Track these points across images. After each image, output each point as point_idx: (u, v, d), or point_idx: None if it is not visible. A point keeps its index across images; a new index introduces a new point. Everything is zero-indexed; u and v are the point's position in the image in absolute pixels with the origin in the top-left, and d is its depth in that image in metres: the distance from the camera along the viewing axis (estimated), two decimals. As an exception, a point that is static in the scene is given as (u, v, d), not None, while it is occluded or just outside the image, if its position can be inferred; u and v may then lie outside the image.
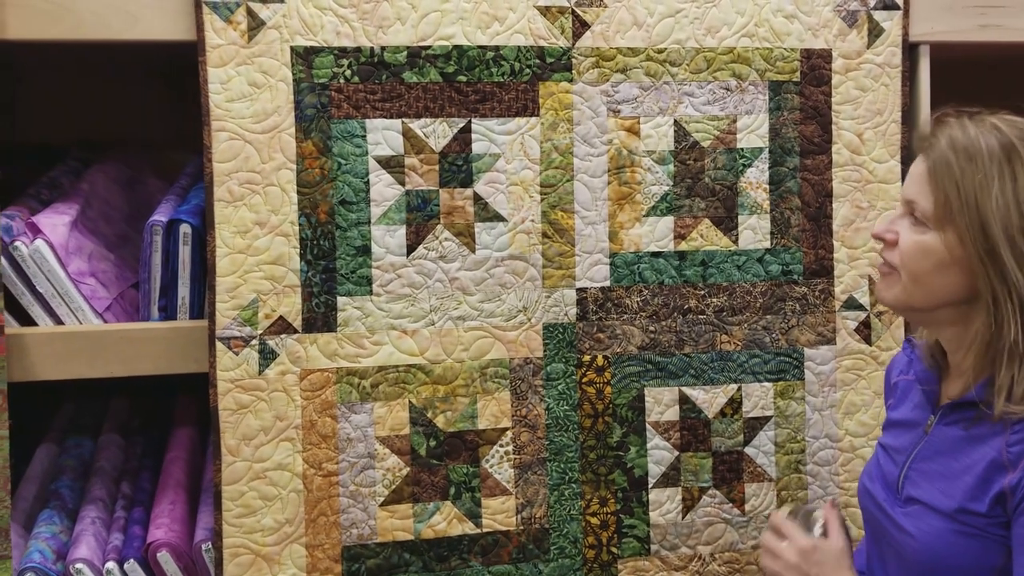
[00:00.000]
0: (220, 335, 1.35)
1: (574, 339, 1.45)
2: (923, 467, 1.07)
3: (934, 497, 1.03)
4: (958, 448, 1.04)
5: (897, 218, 1.09)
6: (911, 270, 1.05)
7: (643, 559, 1.46)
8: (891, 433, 1.17)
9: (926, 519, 1.03)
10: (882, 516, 1.10)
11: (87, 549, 1.36)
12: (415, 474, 1.41)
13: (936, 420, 1.09)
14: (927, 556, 1.02)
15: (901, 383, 1.21)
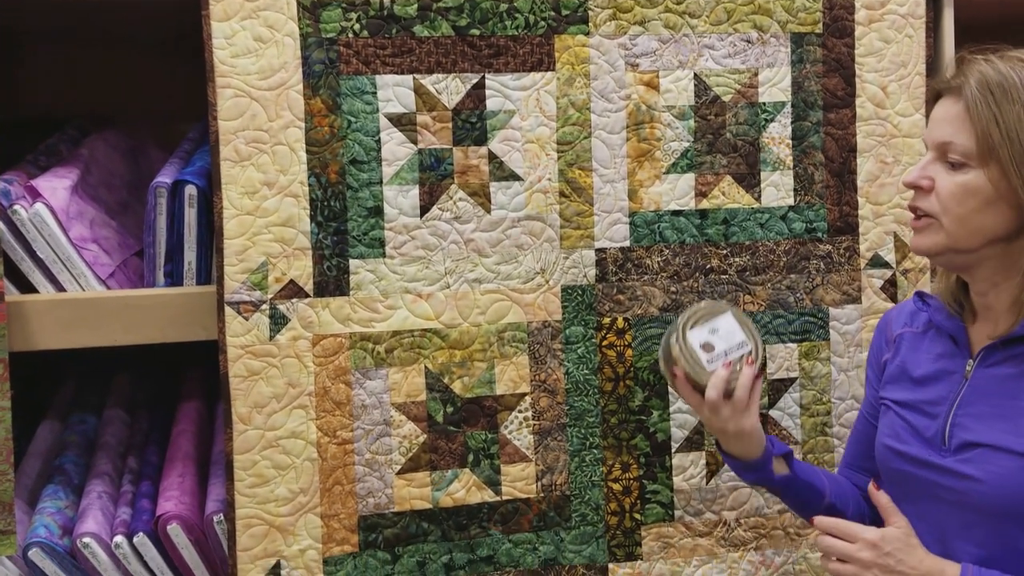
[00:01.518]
0: (229, 300, 1.30)
1: (593, 301, 1.40)
2: (973, 411, 1.04)
3: (1001, 438, 1.00)
4: (1015, 386, 1.02)
5: (928, 164, 1.06)
6: (955, 213, 1.02)
7: (667, 525, 1.42)
8: (907, 388, 1.13)
9: (994, 461, 1.00)
10: (925, 471, 1.07)
11: (94, 523, 1.31)
12: (432, 441, 1.37)
13: (976, 363, 1.06)
14: (1001, 499, 0.99)
15: (907, 336, 1.17)
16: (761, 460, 1.20)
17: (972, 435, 1.03)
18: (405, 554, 1.36)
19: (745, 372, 1.18)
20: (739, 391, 1.17)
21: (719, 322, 1.20)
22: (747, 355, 1.20)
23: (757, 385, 1.20)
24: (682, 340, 1.20)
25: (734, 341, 1.20)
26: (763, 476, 1.21)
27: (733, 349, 1.20)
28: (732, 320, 1.21)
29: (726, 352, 1.19)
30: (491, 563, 1.38)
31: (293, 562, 1.32)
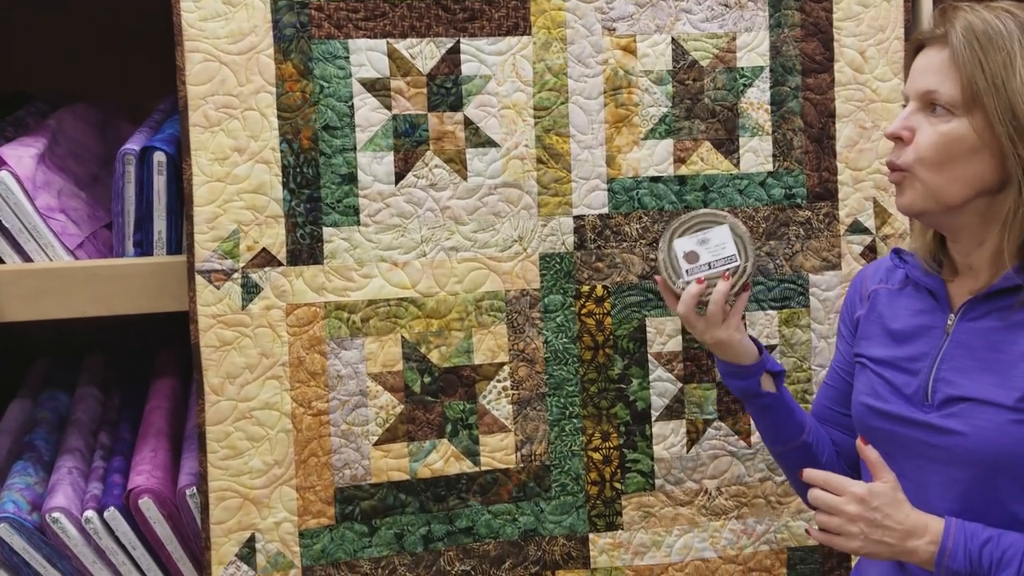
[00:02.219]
0: (200, 268, 1.27)
1: (572, 269, 1.39)
2: (957, 366, 1.03)
3: (987, 392, 1.00)
4: (1000, 339, 1.01)
5: (909, 115, 1.05)
6: (936, 163, 1.01)
7: (648, 494, 1.41)
8: (885, 344, 1.12)
9: (980, 415, 0.99)
10: (907, 428, 1.06)
11: (64, 498, 1.29)
12: (409, 412, 1.35)
13: (958, 318, 1.05)
14: (987, 452, 0.99)
15: (882, 292, 1.16)
16: (749, 368, 1.19)
17: (956, 390, 1.02)
18: (383, 526, 1.34)
19: (719, 287, 1.17)
20: (711, 306, 1.17)
21: (712, 232, 1.19)
22: (729, 270, 1.18)
23: (741, 299, 1.20)
24: (667, 247, 1.20)
25: (722, 254, 1.18)
26: (749, 385, 1.20)
27: (718, 262, 1.18)
28: (726, 232, 1.19)
29: (710, 264, 1.18)
30: (470, 534, 1.37)
31: (268, 535, 1.30)
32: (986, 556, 0.98)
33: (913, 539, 1.01)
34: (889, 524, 1.01)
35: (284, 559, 1.31)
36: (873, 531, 1.02)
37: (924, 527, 1.01)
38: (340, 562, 1.33)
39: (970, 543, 0.99)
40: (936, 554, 0.99)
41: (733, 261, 1.18)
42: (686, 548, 1.42)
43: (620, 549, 1.40)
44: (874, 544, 1.02)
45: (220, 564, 1.28)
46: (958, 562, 0.99)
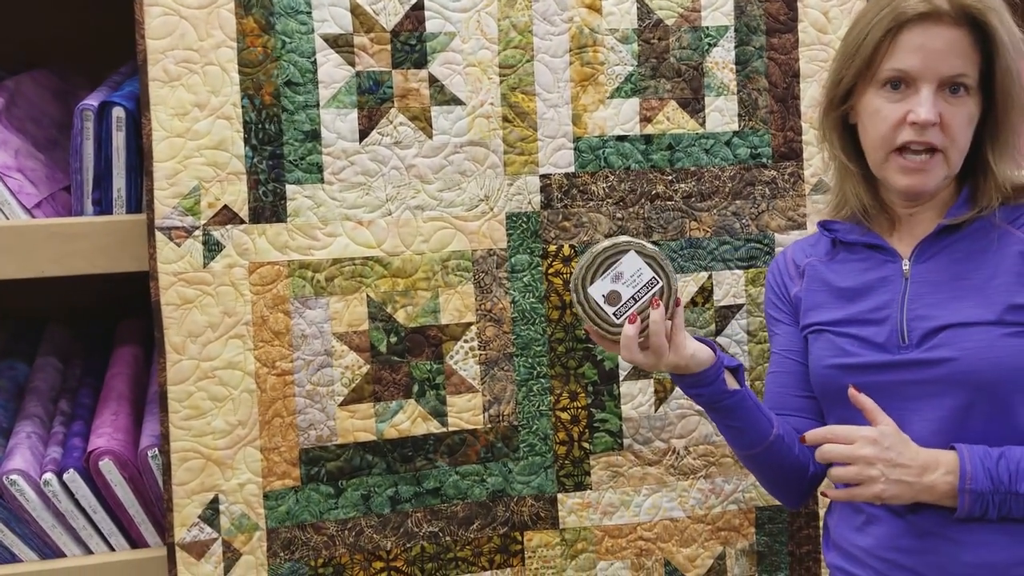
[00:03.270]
0: (160, 225, 1.25)
1: (539, 228, 1.38)
2: (929, 302, 1.05)
3: (968, 314, 1.02)
4: (966, 267, 1.04)
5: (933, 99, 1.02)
6: (960, 144, 1.05)
7: (616, 454, 1.41)
8: (837, 307, 1.13)
9: (968, 336, 1.01)
10: (888, 373, 1.06)
11: (22, 461, 1.26)
12: (376, 372, 1.33)
13: (913, 262, 1.08)
14: (975, 371, 1.00)
15: (815, 264, 1.18)
16: (708, 373, 1.11)
17: (936, 321, 1.04)
18: (349, 487, 1.32)
19: (653, 316, 1.08)
20: (654, 338, 1.09)
21: (622, 265, 1.10)
22: (656, 295, 1.10)
23: (677, 317, 1.11)
24: (584, 300, 1.10)
25: (641, 282, 1.10)
26: (714, 390, 1.12)
27: (642, 292, 1.10)
28: (636, 259, 1.10)
29: (634, 298, 1.10)
30: (438, 495, 1.36)
31: (232, 496, 1.28)
32: (1003, 471, 0.99)
33: (929, 474, 0.99)
34: (904, 462, 1.00)
35: (248, 521, 1.29)
36: (892, 471, 0.99)
37: (936, 461, 1.00)
38: (306, 524, 1.31)
39: (987, 462, 0.99)
40: (957, 482, 0.98)
41: (655, 284, 1.10)
42: (655, 508, 1.42)
43: (589, 509, 1.40)
44: (895, 485, 0.99)
45: (183, 526, 1.26)
46: (980, 483, 0.98)
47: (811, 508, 1.46)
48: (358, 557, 1.33)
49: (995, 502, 0.99)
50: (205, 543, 1.27)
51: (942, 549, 1.02)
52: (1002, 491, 0.98)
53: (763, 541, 1.45)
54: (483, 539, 1.37)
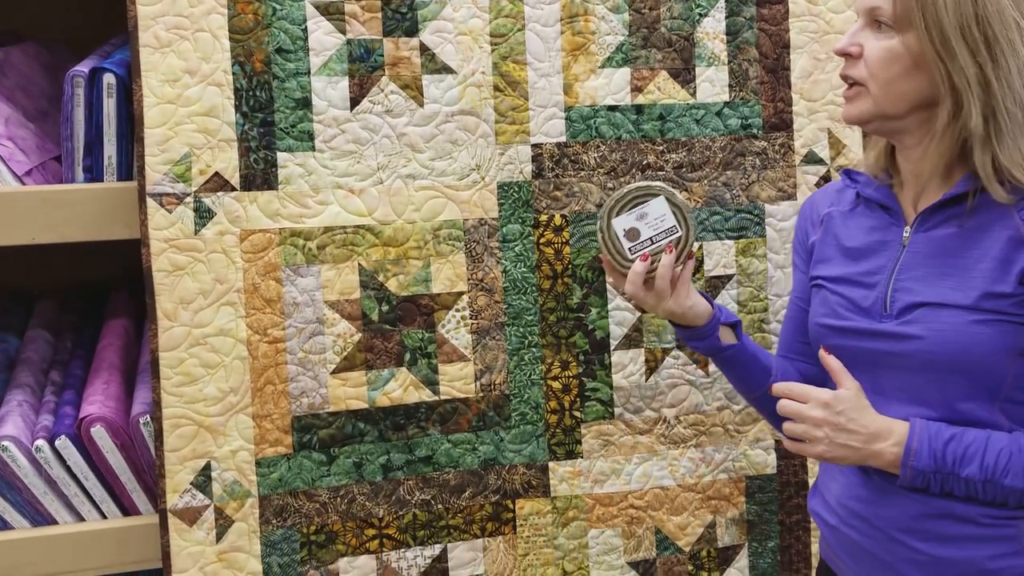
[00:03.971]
0: (151, 191, 1.25)
1: (530, 198, 1.39)
2: (915, 275, 1.04)
3: (944, 295, 1.01)
4: (957, 244, 1.02)
5: (857, 31, 1.06)
6: (881, 78, 1.03)
7: (607, 423, 1.41)
8: (841, 263, 1.14)
9: (939, 317, 1.01)
10: (865, 340, 1.07)
11: (14, 427, 1.26)
12: (367, 340, 1.34)
13: (913, 229, 1.07)
14: (940, 352, 1.00)
15: (835, 214, 1.18)
16: (704, 328, 1.19)
17: (914, 297, 1.04)
18: (341, 455, 1.33)
19: (664, 260, 1.15)
20: (659, 281, 1.15)
21: (649, 207, 1.16)
22: (671, 242, 1.16)
23: (686, 268, 1.17)
24: (606, 228, 1.17)
25: (662, 227, 1.16)
26: (709, 344, 1.20)
27: (660, 236, 1.16)
28: (663, 204, 1.17)
29: (652, 239, 1.16)
30: (430, 463, 1.36)
31: (224, 463, 1.29)
32: (950, 453, 0.99)
33: (878, 442, 1.02)
34: (853, 428, 1.02)
35: (241, 488, 1.29)
36: (838, 435, 1.02)
37: (889, 430, 1.02)
38: (298, 491, 1.31)
39: (934, 442, 1.00)
40: (901, 455, 1.01)
41: (674, 232, 1.16)
42: (645, 476, 1.43)
43: (580, 477, 1.41)
44: (839, 448, 1.02)
45: (175, 492, 1.27)
46: (923, 461, 1.00)
47: (801, 478, 1.48)
48: (350, 524, 1.33)
49: (936, 480, 1.00)
50: (197, 510, 1.28)
51: (897, 503, 1.05)
52: (944, 472, 1.00)
53: (753, 510, 1.46)
54: (475, 507, 1.38)
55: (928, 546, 1.03)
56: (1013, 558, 1.00)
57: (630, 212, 1.16)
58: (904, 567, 1.05)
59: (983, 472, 0.98)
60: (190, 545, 1.27)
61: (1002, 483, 0.98)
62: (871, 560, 1.08)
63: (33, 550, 1.26)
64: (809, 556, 1.48)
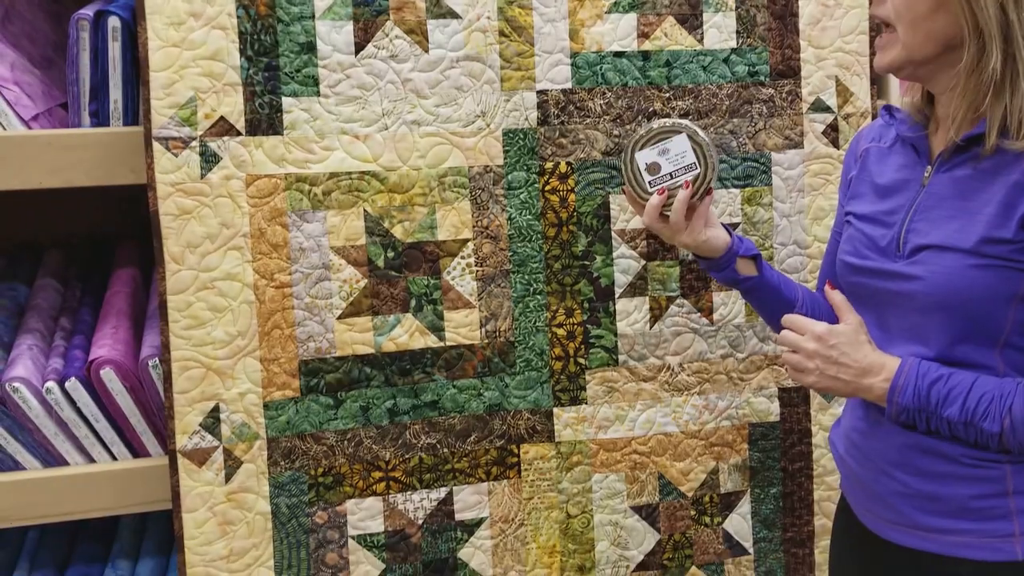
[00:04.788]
0: (157, 135, 1.26)
1: (535, 145, 1.38)
2: (929, 216, 1.04)
3: (949, 238, 1.01)
4: (969, 187, 1.02)
5: None
6: (907, 17, 1.03)
7: (611, 370, 1.42)
8: (870, 200, 1.14)
9: (940, 260, 1.01)
10: (877, 279, 1.08)
11: (24, 370, 1.28)
12: (373, 286, 1.34)
13: (935, 169, 1.07)
14: (939, 295, 1.00)
15: (873, 150, 1.17)
16: (720, 260, 1.24)
17: (923, 238, 1.04)
18: (348, 399, 1.34)
19: (680, 195, 1.21)
20: (672, 215, 1.22)
21: (672, 143, 1.22)
22: (689, 178, 1.21)
23: (703, 204, 1.23)
24: (629, 161, 1.23)
25: (682, 163, 1.22)
26: (726, 275, 1.26)
27: (679, 172, 1.22)
28: (685, 141, 1.22)
29: (671, 174, 1.22)
30: (436, 408, 1.37)
31: (232, 406, 1.30)
32: (934, 393, 1.01)
33: (869, 377, 1.03)
34: (845, 362, 1.04)
35: (249, 430, 1.31)
36: (828, 367, 1.05)
37: (881, 366, 1.03)
38: (305, 434, 1.33)
39: (920, 381, 1.01)
40: (888, 390, 1.02)
41: (693, 169, 1.22)
42: (649, 423, 1.44)
43: (584, 423, 1.42)
44: (829, 380, 1.05)
45: (184, 433, 1.28)
46: (907, 398, 1.01)
47: (804, 426, 1.49)
48: (357, 467, 1.35)
49: (921, 418, 1.02)
50: (206, 451, 1.29)
51: (887, 436, 1.06)
52: (927, 410, 1.01)
53: (756, 457, 1.47)
54: (480, 451, 1.39)
55: (914, 480, 1.05)
56: (995, 499, 1.02)
57: (653, 147, 1.22)
58: (893, 499, 1.07)
59: (963, 414, 0.99)
60: (199, 485, 1.29)
61: (980, 426, 0.99)
62: (866, 491, 1.10)
63: (45, 490, 1.28)
64: (811, 503, 1.49)
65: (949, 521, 1.03)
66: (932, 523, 1.04)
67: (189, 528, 1.29)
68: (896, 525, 1.07)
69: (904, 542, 1.07)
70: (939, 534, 1.04)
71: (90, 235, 1.76)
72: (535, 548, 1.41)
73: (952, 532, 1.03)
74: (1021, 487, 1.01)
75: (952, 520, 1.03)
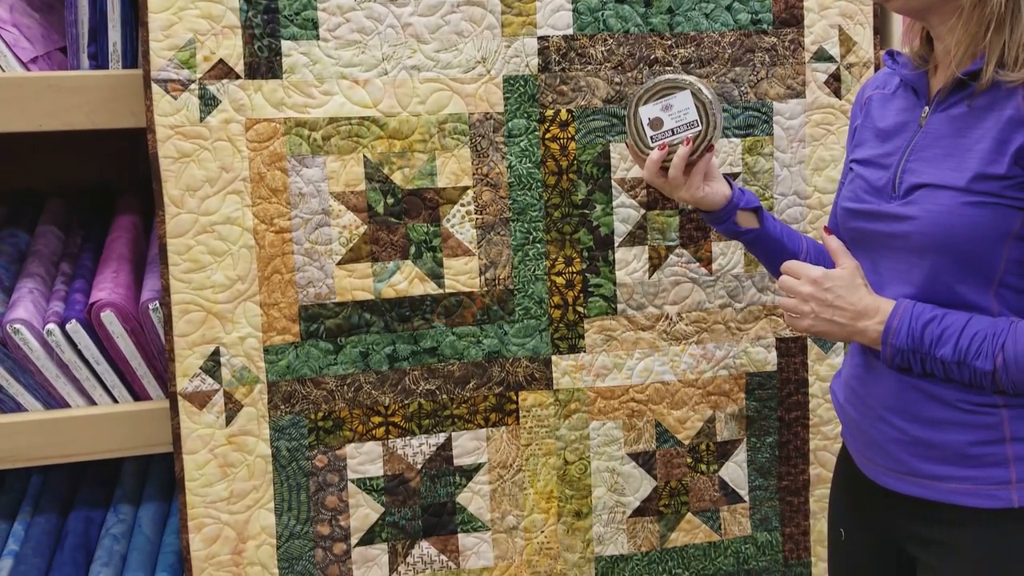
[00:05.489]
0: (156, 77, 1.25)
1: (536, 92, 1.38)
2: (924, 156, 1.04)
3: (943, 176, 1.01)
4: (964, 124, 1.02)
5: None
6: None
7: (610, 318, 1.43)
8: (872, 145, 1.13)
9: (933, 199, 1.01)
10: (873, 222, 1.08)
11: (25, 312, 1.28)
12: (373, 232, 1.35)
13: (932, 109, 1.06)
14: (933, 234, 1.00)
15: (876, 97, 1.17)
16: (719, 213, 1.25)
17: (918, 178, 1.04)
18: (348, 344, 1.35)
19: (679, 152, 1.21)
20: (671, 170, 1.22)
21: (675, 99, 1.21)
22: (690, 135, 1.20)
23: (702, 161, 1.22)
24: (632, 115, 1.23)
25: (684, 120, 1.21)
26: (727, 227, 1.26)
27: (681, 128, 1.21)
28: (688, 98, 1.21)
29: (673, 131, 1.22)
30: (435, 355, 1.38)
31: (232, 350, 1.31)
32: (928, 334, 1.01)
33: (864, 320, 1.04)
34: (841, 305, 1.04)
35: (249, 374, 1.32)
36: (824, 310, 1.05)
37: (876, 309, 1.04)
38: (306, 378, 1.34)
39: (914, 323, 1.02)
40: (882, 332, 1.02)
41: (695, 127, 1.21)
42: (647, 371, 1.45)
43: (582, 371, 1.43)
44: (824, 323, 1.06)
45: (184, 376, 1.29)
46: (901, 339, 1.02)
47: (801, 376, 1.49)
48: (357, 412, 1.36)
49: (915, 360, 1.03)
50: (207, 394, 1.30)
51: (884, 382, 1.07)
52: (921, 351, 1.01)
53: (752, 406, 1.48)
54: (479, 398, 1.40)
55: (912, 427, 1.05)
56: (992, 446, 1.02)
57: (657, 102, 1.22)
58: (891, 446, 1.07)
59: (956, 354, 1.00)
60: (200, 428, 1.31)
61: (973, 365, 0.99)
62: (865, 438, 1.11)
63: (46, 432, 1.30)
64: (807, 452, 1.51)
65: (946, 468, 1.04)
66: (929, 470, 1.05)
67: (190, 470, 1.31)
68: (894, 472, 1.08)
69: (902, 489, 1.08)
70: (936, 481, 1.05)
71: (90, 186, 1.76)
72: (533, 494, 1.43)
73: (949, 479, 1.04)
74: (1018, 433, 1.01)
75: (949, 467, 1.04)
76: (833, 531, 1.24)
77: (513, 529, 1.43)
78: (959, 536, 1.04)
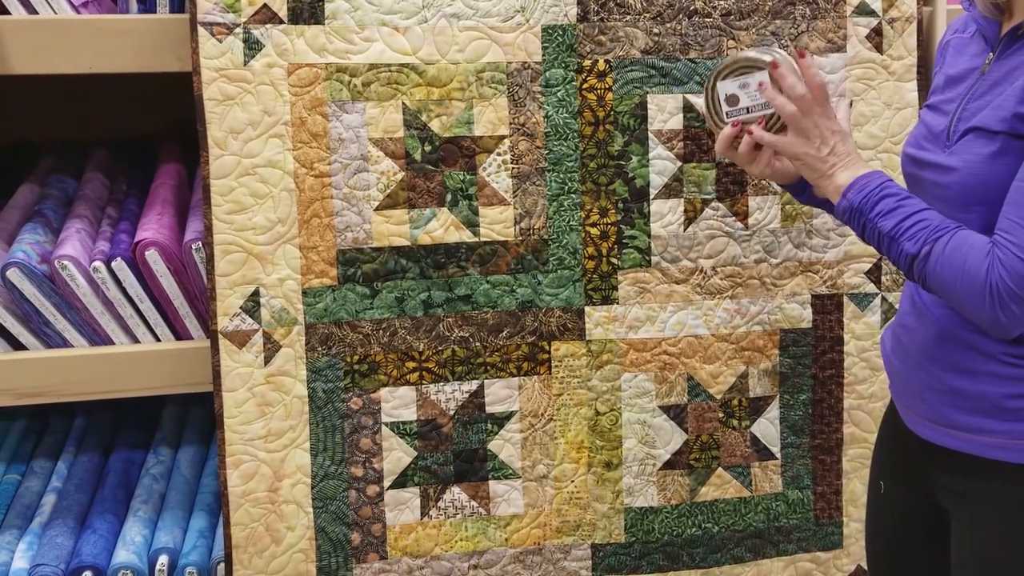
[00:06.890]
0: (202, 20, 1.28)
1: (574, 42, 1.38)
2: (980, 103, 1.03)
3: (986, 119, 1.00)
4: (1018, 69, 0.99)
5: None
6: None
7: (643, 271, 1.43)
8: (940, 91, 1.12)
9: (974, 147, 1.00)
10: (925, 170, 1.07)
11: (72, 249, 1.32)
12: (410, 179, 1.36)
13: (996, 55, 1.04)
14: (967, 185, 1.00)
15: (953, 42, 1.15)
16: (795, 187, 1.24)
17: (968, 123, 1.02)
18: (384, 289, 1.37)
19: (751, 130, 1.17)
20: (741, 147, 1.19)
21: (752, 78, 1.18)
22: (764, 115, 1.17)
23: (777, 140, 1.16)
24: (711, 89, 1.21)
25: (759, 100, 1.18)
26: (809, 199, 1.24)
27: (756, 108, 1.18)
28: (766, 79, 1.16)
29: (748, 109, 1.19)
30: (469, 302, 1.40)
31: (272, 291, 1.33)
32: (881, 204, 1.02)
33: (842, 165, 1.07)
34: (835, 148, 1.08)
35: (288, 315, 1.34)
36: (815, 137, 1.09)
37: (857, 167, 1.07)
38: (342, 321, 1.36)
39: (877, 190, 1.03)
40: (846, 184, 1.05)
41: (768, 107, 1.17)
42: (680, 324, 1.45)
43: (615, 323, 1.43)
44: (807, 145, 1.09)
45: (225, 315, 1.32)
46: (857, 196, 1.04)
47: (836, 333, 1.49)
48: (392, 356, 1.38)
49: (859, 222, 1.04)
50: (247, 333, 1.33)
51: (925, 328, 1.06)
52: (867, 216, 1.03)
53: (786, 363, 1.48)
54: (512, 347, 1.41)
55: (947, 375, 1.04)
56: None
57: (735, 79, 1.19)
58: (927, 394, 1.07)
59: (894, 229, 1.00)
60: (239, 366, 1.33)
61: (901, 243, 1.00)
62: (905, 387, 1.10)
63: (91, 367, 1.33)
64: (841, 411, 1.50)
65: (980, 419, 1.03)
66: (963, 421, 1.04)
67: (229, 407, 1.34)
68: (931, 423, 1.07)
69: (938, 440, 1.07)
70: (972, 433, 1.03)
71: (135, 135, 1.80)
72: (563, 443, 1.44)
73: (985, 432, 1.03)
74: None
75: (983, 419, 1.03)
76: (873, 483, 1.23)
77: (543, 478, 1.44)
78: (990, 490, 1.03)
